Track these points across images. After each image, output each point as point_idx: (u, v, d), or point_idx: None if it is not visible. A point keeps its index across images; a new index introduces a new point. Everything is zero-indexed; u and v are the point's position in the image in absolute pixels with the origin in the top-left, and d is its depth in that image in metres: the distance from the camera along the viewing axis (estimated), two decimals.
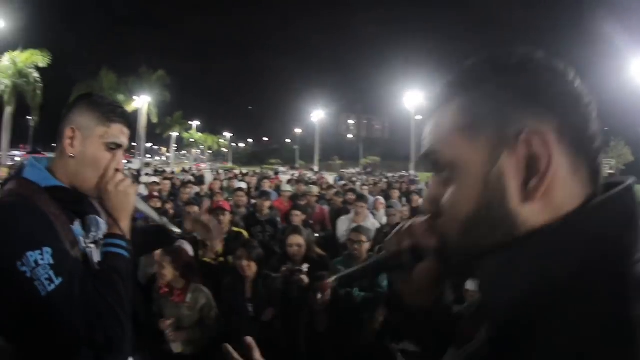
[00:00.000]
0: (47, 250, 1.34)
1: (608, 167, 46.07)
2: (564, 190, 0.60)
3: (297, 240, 4.11)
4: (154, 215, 1.85)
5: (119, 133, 1.62)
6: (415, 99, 46.18)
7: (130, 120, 1.71)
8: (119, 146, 1.62)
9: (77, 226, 1.58)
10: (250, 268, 3.81)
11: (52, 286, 1.31)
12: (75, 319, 1.34)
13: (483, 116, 0.63)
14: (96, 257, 1.62)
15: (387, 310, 2.94)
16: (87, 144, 1.57)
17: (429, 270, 0.79)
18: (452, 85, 0.69)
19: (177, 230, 1.88)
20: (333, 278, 1.02)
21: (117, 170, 1.60)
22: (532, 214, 0.60)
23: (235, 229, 5.57)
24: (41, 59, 28.53)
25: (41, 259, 1.32)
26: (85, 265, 1.53)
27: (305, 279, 3.73)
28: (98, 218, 1.71)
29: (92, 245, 1.63)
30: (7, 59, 28.03)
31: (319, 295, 3.35)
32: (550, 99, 0.61)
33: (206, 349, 3.76)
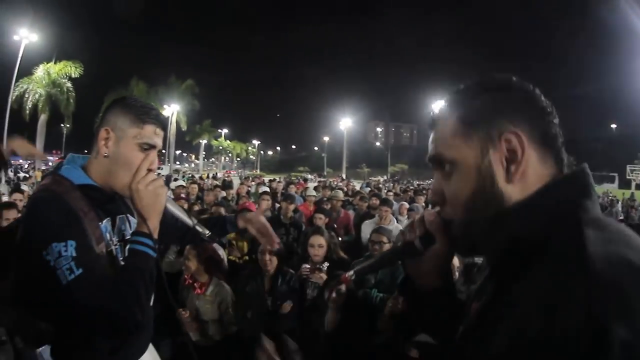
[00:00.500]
0: (72, 243, 1.42)
1: None
2: (535, 174, 0.82)
3: (318, 241, 4.12)
4: (184, 217, 1.86)
5: (152, 134, 1.64)
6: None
7: (164, 122, 1.72)
8: (152, 147, 1.64)
9: (105, 224, 1.64)
10: (272, 262, 3.90)
11: (72, 276, 1.39)
12: (91, 310, 1.40)
13: (475, 123, 0.85)
14: (122, 254, 1.69)
15: (402, 296, 2.97)
16: (121, 144, 1.61)
17: (438, 252, 0.98)
18: (450, 102, 0.92)
19: (206, 232, 1.91)
20: (352, 272, 1.08)
21: (149, 170, 1.62)
22: (513, 192, 0.82)
23: None
24: (74, 70, 29.50)
25: (65, 250, 1.40)
26: (111, 262, 1.60)
27: (323, 276, 3.78)
28: (130, 217, 1.79)
29: (119, 243, 1.70)
30: (41, 69, 29.09)
31: (337, 289, 3.38)
32: (522, 110, 0.84)
33: (221, 343, 3.85)
